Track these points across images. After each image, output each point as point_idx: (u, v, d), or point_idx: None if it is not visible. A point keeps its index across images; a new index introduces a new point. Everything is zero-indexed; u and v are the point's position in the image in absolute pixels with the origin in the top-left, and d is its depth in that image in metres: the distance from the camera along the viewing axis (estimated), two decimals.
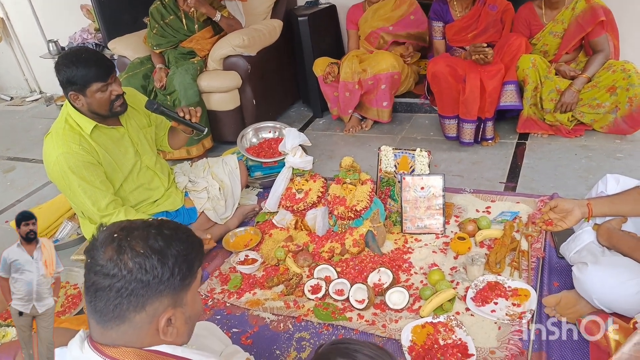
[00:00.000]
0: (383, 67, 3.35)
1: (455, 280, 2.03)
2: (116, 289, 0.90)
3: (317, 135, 3.65)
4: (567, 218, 1.74)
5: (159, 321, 0.94)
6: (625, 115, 2.86)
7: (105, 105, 2.05)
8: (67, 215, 2.82)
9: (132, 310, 0.92)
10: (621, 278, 1.53)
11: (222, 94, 3.41)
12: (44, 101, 5.48)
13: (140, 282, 0.91)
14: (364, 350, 0.89)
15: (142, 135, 2.31)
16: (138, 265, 0.90)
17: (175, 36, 3.47)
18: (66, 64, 1.96)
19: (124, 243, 0.92)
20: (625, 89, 2.79)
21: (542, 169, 2.78)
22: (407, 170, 2.52)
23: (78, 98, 2.01)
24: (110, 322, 0.92)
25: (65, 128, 2.06)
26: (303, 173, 2.56)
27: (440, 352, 1.67)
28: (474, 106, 2.95)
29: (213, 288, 2.22)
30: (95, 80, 1.98)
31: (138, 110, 2.31)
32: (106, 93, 2.03)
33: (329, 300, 2.04)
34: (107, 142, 2.16)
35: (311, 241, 2.39)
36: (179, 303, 0.97)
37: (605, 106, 2.89)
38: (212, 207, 2.50)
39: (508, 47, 2.96)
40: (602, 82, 2.86)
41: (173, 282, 0.94)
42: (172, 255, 0.94)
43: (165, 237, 0.95)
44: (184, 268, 0.96)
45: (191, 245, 0.99)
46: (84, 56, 1.99)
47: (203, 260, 1.05)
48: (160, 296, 0.93)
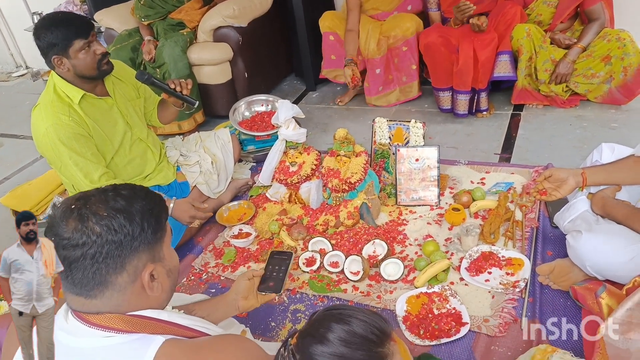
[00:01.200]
0: (409, 28, 3.15)
1: (450, 251, 2.03)
2: (90, 256, 0.89)
3: (311, 108, 3.61)
4: (562, 187, 1.74)
5: (143, 277, 0.95)
6: (620, 85, 2.84)
7: (92, 65, 2.00)
8: (57, 191, 2.79)
9: (112, 272, 0.91)
10: (615, 245, 1.53)
11: (212, 67, 3.36)
12: (31, 76, 5.38)
13: (113, 243, 0.90)
14: (358, 315, 0.89)
15: (131, 107, 2.27)
16: (106, 228, 0.90)
17: (164, 7, 3.39)
18: (45, 26, 1.92)
19: (84, 211, 0.90)
20: (620, 58, 2.76)
21: (536, 139, 2.77)
22: (402, 142, 2.50)
23: (62, 62, 1.96)
24: (94, 290, 0.91)
25: (54, 99, 2.02)
26: (296, 146, 2.54)
27: (434, 321, 1.68)
28: (468, 77, 2.91)
29: (207, 262, 2.22)
30: (76, 37, 1.93)
31: (125, 82, 2.27)
32: (90, 53, 1.98)
33: (324, 272, 2.04)
34: (96, 114, 2.12)
35: (305, 214, 2.39)
36: (157, 257, 0.98)
37: (599, 76, 2.87)
38: (205, 181, 2.48)
39: (502, 15, 2.91)
40: (597, 51, 2.82)
41: (146, 237, 0.94)
42: (137, 211, 0.94)
43: (124, 196, 0.95)
44: (153, 221, 0.96)
45: (153, 200, 0.99)
46: (60, 16, 1.98)
47: (168, 213, 1.05)
48: (137, 252, 0.93)
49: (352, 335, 0.87)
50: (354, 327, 0.88)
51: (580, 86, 2.93)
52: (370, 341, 0.87)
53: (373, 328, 0.88)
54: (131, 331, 0.92)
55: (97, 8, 3.80)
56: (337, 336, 0.87)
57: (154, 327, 0.94)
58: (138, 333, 0.92)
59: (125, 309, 0.94)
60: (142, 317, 0.94)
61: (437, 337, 1.63)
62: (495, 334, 1.62)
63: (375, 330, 0.88)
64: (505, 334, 1.62)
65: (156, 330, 0.94)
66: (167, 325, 0.96)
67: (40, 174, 3.01)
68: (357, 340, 0.87)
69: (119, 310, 0.93)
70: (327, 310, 0.93)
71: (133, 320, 0.93)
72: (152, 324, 0.95)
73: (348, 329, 0.87)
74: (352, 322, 0.88)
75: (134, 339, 0.92)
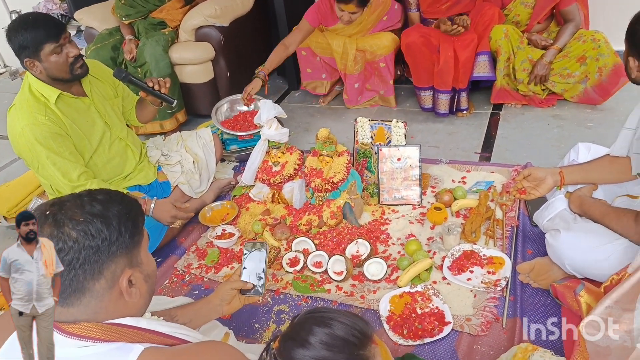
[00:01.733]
0: (387, 47, 3.16)
1: (432, 250, 2.05)
2: (67, 262, 0.87)
3: (293, 107, 3.61)
4: (540, 186, 1.77)
5: (121, 283, 0.93)
6: (595, 85, 2.89)
7: (64, 68, 1.97)
8: (36, 192, 2.74)
9: (90, 279, 0.90)
10: (592, 244, 1.57)
11: (194, 66, 3.33)
12: (9, 75, 5.26)
13: (90, 248, 0.88)
14: (339, 318, 0.90)
15: (109, 106, 2.24)
16: (83, 233, 0.88)
17: (145, 6, 3.35)
18: (15, 28, 1.90)
19: (59, 217, 0.89)
20: (595, 59, 2.82)
21: (515, 138, 2.81)
22: (384, 141, 2.51)
23: (34, 65, 1.93)
24: (70, 297, 0.89)
25: (30, 99, 1.99)
26: (279, 146, 2.53)
27: (417, 320, 1.70)
28: (449, 76, 2.94)
29: (190, 263, 2.21)
30: (46, 40, 1.90)
31: (103, 81, 2.24)
32: (62, 55, 1.95)
33: (307, 272, 2.04)
34: (73, 113, 2.09)
35: (288, 214, 2.39)
36: (135, 262, 0.97)
37: (575, 76, 2.92)
38: (187, 180, 2.47)
39: (481, 17, 2.95)
40: (573, 52, 2.88)
41: (124, 241, 0.93)
42: (114, 215, 0.92)
43: (100, 201, 0.93)
44: (130, 226, 0.95)
45: (129, 204, 0.98)
46: (31, 18, 1.92)
47: (144, 217, 1.04)
48: (114, 257, 0.92)
49: (333, 339, 0.87)
50: (336, 330, 0.88)
51: (557, 85, 2.98)
52: (352, 344, 0.88)
53: (354, 331, 0.89)
54: (109, 340, 0.89)
55: (77, 7, 3.74)
56: (318, 339, 0.87)
57: (132, 335, 0.92)
58: (116, 342, 0.90)
59: (103, 317, 0.92)
60: (120, 325, 0.92)
61: (421, 336, 1.64)
62: (478, 333, 1.65)
63: (357, 332, 0.89)
64: (487, 333, 1.65)
65: (135, 339, 0.92)
66: (147, 333, 0.94)
67: (17, 175, 2.97)
68: (339, 343, 0.88)
69: (97, 318, 0.91)
70: (309, 314, 0.94)
71: (111, 328, 0.91)
72: (131, 332, 0.92)
73: (330, 332, 0.88)
74: (333, 325, 0.89)
75: (112, 348, 0.89)
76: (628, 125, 1.63)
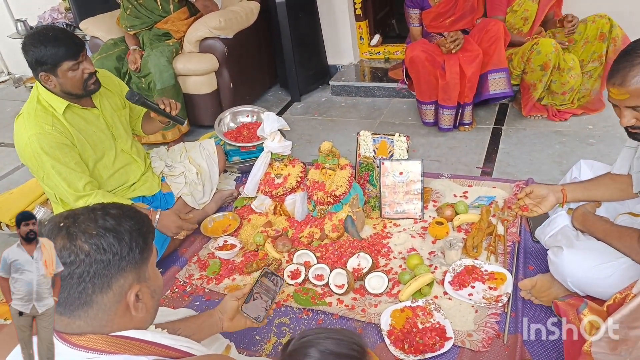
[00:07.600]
0: None
1: (434, 264, 2.05)
2: (77, 275, 0.88)
3: (296, 119, 3.63)
4: (542, 203, 1.77)
5: (128, 297, 0.94)
6: (603, 74, 2.94)
7: (79, 84, 2.00)
8: (39, 200, 2.75)
9: (99, 292, 0.90)
10: (595, 261, 1.57)
11: (198, 77, 3.36)
12: (13, 82, 5.29)
13: (101, 262, 0.89)
14: (333, 335, 0.91)
15: (117, 117, 2.26)
16: (95, 247, 0.89)
17: (150, 17, 3.38)
18: (34, 43, 1.89)
19: (73, 229, 0.90)
20: (609, 32, 2.89)
21: (517, 154, 2.82)
22: (386, 155, 2.52)
23: (49, 79, 1.95)
24: (78, 309, 0.90)
25: (37, 109, 2.00)
26: (282, 158, 2.54)
27: (418, 335, 1.69)
28: (454, 92, 2.95)
29: (192, 274, 2.21)
30: (65, 59, 1.92)
31: (112, 92, 2.26)
32: (78, 72, 1.97)
33: (309, 285, 2.05)
34: (81, 124, 2.10)
35: (290, 226, 2.39)
36: (143, 278, 0.97)
37: (604, 54, 2.95)
38: (190, 192, 2.47)
39: (486, 32, 2.96)
40: (591, 35, 2.94)
41: (134, 257, 0.94)
42: (126, 230, 0.93)
43: (113, 215, 0.94)
44: (141, 241, 0.96)
45: (141, 220, 0.99)
46: (52, 34, 1.92)
47: (154, 233, 1.05)
48: (124, 272, 0.93)
49: (335, 356, 0.88)
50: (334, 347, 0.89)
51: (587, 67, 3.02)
52: (353, 357, 0.89)
53: (353, 344, 0.90)
54: (114, 352, 0.90)
55: (83, 17, 3.78)
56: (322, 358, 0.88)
57: (137, 347, 0.93)
58: (121, 354, 0.90)
59: (109, 330, 0.92)
60: (125, 338, 0.93)
61: (422, 351, 1.64)
62: (479, 349, 1.64)
63: (355, 346, 0.90)
64: (488, 349, 1.64)
65: (140, 351, 0.92)
66: (151, 346, 0.95)
67: (21, 183, 2.97)
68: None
69: (102, 330, 0.92)
70: (301, 339, 0.94)
71: (116, 340, 0.91)
72: (136, 344, 0.93)
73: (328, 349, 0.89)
74: (326, 343, 0.89)
75: None
76: (629, 144, 1.64)
